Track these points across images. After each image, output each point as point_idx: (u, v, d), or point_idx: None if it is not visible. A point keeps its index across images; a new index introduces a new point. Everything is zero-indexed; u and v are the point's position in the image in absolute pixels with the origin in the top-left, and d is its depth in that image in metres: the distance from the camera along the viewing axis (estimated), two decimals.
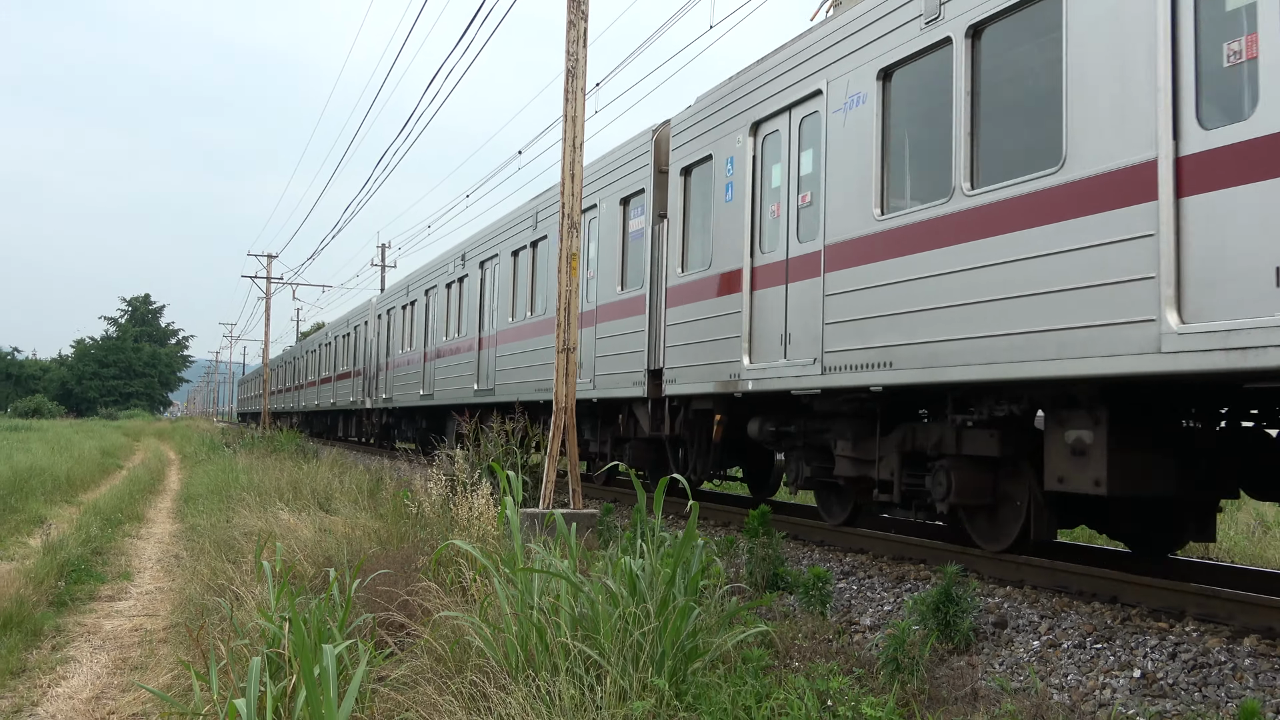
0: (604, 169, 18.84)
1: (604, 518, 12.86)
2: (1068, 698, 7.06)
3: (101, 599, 12.75)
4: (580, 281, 16.16)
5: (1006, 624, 8.60)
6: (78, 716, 8.13)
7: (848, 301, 11.40)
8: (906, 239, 10.60)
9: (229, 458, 31.23)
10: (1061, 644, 8.02)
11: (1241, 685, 6.85)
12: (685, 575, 6.85)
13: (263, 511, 14.71)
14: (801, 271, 12.44)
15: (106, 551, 16.35)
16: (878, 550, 12.26)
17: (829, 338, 11.62)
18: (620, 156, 18.22)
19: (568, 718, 5.45)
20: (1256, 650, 7.33)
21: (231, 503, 17.10)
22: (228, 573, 10.56)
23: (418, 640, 7.41)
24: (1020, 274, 9.02)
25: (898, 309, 10.54)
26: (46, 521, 18.73)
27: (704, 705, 5.87)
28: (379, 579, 8.65)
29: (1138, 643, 7.76)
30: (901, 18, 10.84)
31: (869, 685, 6.86)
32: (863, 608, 9.83)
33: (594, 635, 6.32)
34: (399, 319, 36.36)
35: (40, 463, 27.11)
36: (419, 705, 6.15)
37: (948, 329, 9.84)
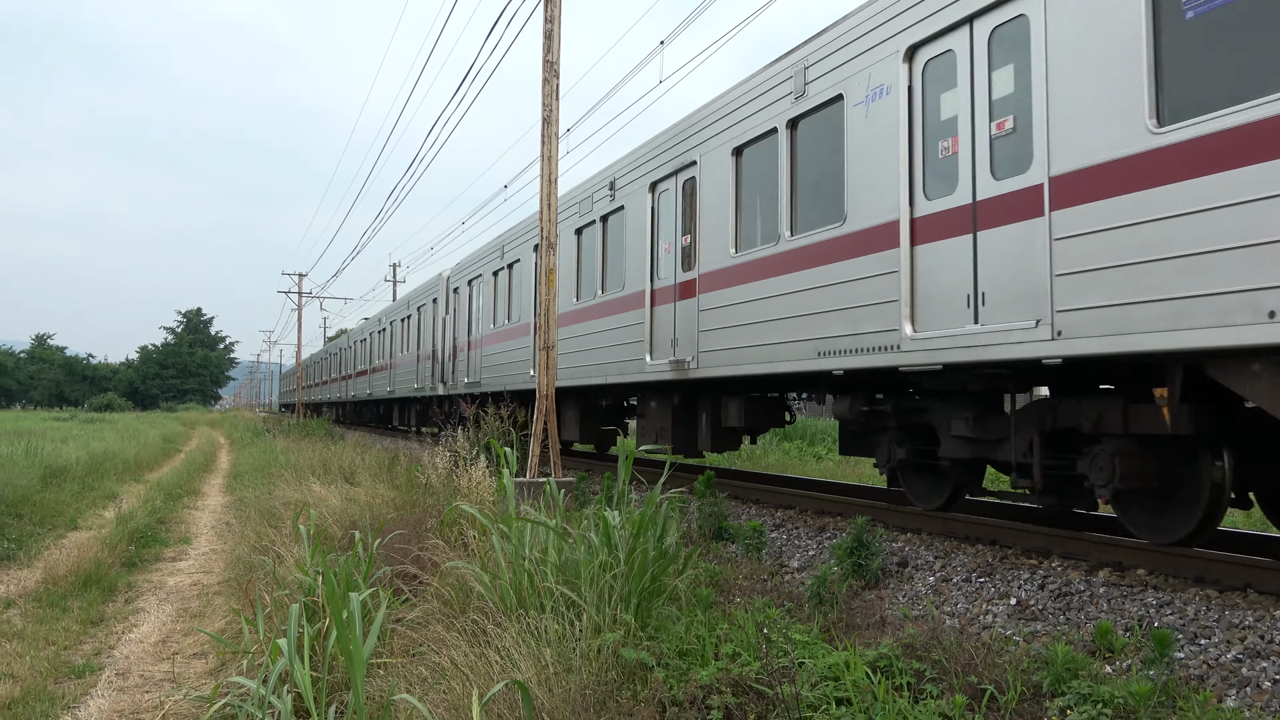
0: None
1: (578, 484, 12.83)
2: (957, 622, 7.09)
3: (165, 560, 12.59)
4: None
5: (908, 564, 8.64)
6: (147, 657, 8.02)
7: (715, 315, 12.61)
8: (750, 269, 11.79)
9: (269, 442, 30.97)
10: (952, 579, 8.06)
11: (1097, 609, 6.90)
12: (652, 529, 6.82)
13: (298, 485, 14.60)
14: (683, 293, 13.66)
15: (169, 521, 16.15)
16: (803, 506, 12.28)
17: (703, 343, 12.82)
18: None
19: (552, 648, 5.40)
20: (1109, 581, 7.39)
21: (272, 478, 16.97)
22: (270, 536, 10.48)
23: (428, 588, 7.36)
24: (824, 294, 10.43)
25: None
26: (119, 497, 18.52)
27: (664, 635, 5.84)
28: (395, 538, 8.60)
29: (1014, 577, 7.80)
30: (749, 110, 12.01)
31: (797, 616, 6.85)
32: (791, 553, 9.84)
33: (574, 580, 6.28)
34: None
35: (112, 448, 26.77)
36: (430, 641, 6.11)
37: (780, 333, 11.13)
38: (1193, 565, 7.39)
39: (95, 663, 7.82)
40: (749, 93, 12.09)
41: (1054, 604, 7.14)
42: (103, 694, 7.02)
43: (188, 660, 7.87)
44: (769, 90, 11.61)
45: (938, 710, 4.86)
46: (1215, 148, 6.43)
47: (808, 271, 10.66)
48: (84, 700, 6.87)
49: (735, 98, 12.42)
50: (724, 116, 12.58)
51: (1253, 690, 5.34)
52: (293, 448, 24.87)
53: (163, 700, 6.77)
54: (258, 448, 29.04)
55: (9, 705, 6.67)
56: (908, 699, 4.96)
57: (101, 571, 10.87)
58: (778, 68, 11.49)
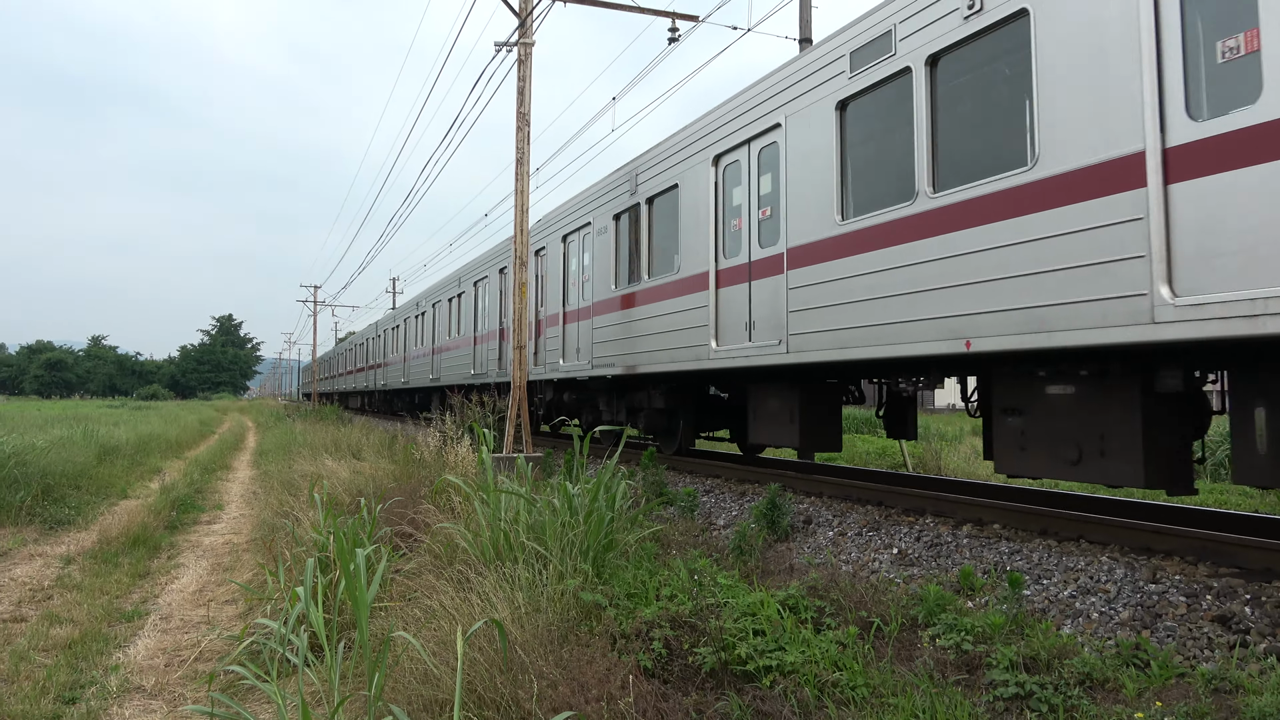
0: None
1: (545, 459, 12.79)
2: (851, 568, 7.17)
3: (202, 523, 12.37)
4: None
5: (812, 521, 8.71)
6: (186, 603, 7.89)
7: None
8: (650, 293, 12.56)
9: (290, 425, 30.50)
10: (847, 533, 8.13)
11: (962, 557, 7.00)
12: (604, 495, 6.84)
13: (313, 460, 14.43)
14: (592, 310, 14.46)
15: (205, 491, 15.87)
16: (728, 475, 12.32)
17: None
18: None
19: (524, 592, 5.40)
20: (971, 534, 7.50)
21: (292, 455, 16.74)
22: (290, 503, 10.35)
23: (421, 544, 7.31)
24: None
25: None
26: (162, 471, 18.17)
27: (615, 581, 5.86)
28: (394, 504, 8.54)
29: (896, 531, 7.90)
30: (618, 178, 13.57)
31: (723, 564, 6.90)
32: (718, 513, 9.88)
33: (542, 537, 6.28)
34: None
35: (157, 431, 26.23)
36: (423, 588, 6.08)
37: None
38: (1038, 520, 7.54)
39: (143, 609, 7.68)
40: (612, 183, 14.13)
41: (928, 553, 7.24)
42: (149, 635, 6.90)
43: (220, 606, 7.76)
44: (619, 185, 13.84)
45: (835, 639, 4.93)
46: (868, 236, 8.22)
47: (661, 303, 12.22)
48: (133, 640, 6.76)
49: (596, 191, 14.61)
50: (593, 199, 14.79)
51: (1084, 620, 5.48)
52: (309, 430, 24.52)
53: (199, 640, 6.67)
54: (280, 430, 28.59)
55: (70, 645, 6.54)
56: (811, 630, 5.03)
57: (148, 533, 10.68)
58: (626, 169, 13.69)
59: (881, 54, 8.16)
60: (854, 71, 8.54)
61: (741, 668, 4.62)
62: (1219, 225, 5.39)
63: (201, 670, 5.99)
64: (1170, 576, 5.73)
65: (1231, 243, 5.32)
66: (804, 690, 4.37)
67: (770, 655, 4.64)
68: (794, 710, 4.23)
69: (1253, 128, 5.22)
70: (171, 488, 14.23)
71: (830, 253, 8.86)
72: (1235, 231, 5.30)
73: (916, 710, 4.15)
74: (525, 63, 14.11)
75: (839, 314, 8.66)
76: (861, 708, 4.27)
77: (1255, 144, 5.21)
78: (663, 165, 12.41)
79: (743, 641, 4.75)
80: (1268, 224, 5.12)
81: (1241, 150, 5.30)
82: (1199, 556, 6.18)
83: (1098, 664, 4.47)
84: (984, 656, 4.68)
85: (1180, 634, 4.98)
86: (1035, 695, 4.23)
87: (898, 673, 4.60)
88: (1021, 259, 6.64)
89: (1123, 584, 5.77)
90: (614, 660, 4.54)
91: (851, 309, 8.47)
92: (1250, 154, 5.24)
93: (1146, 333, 5.73)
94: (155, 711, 5.30)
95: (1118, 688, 4.30)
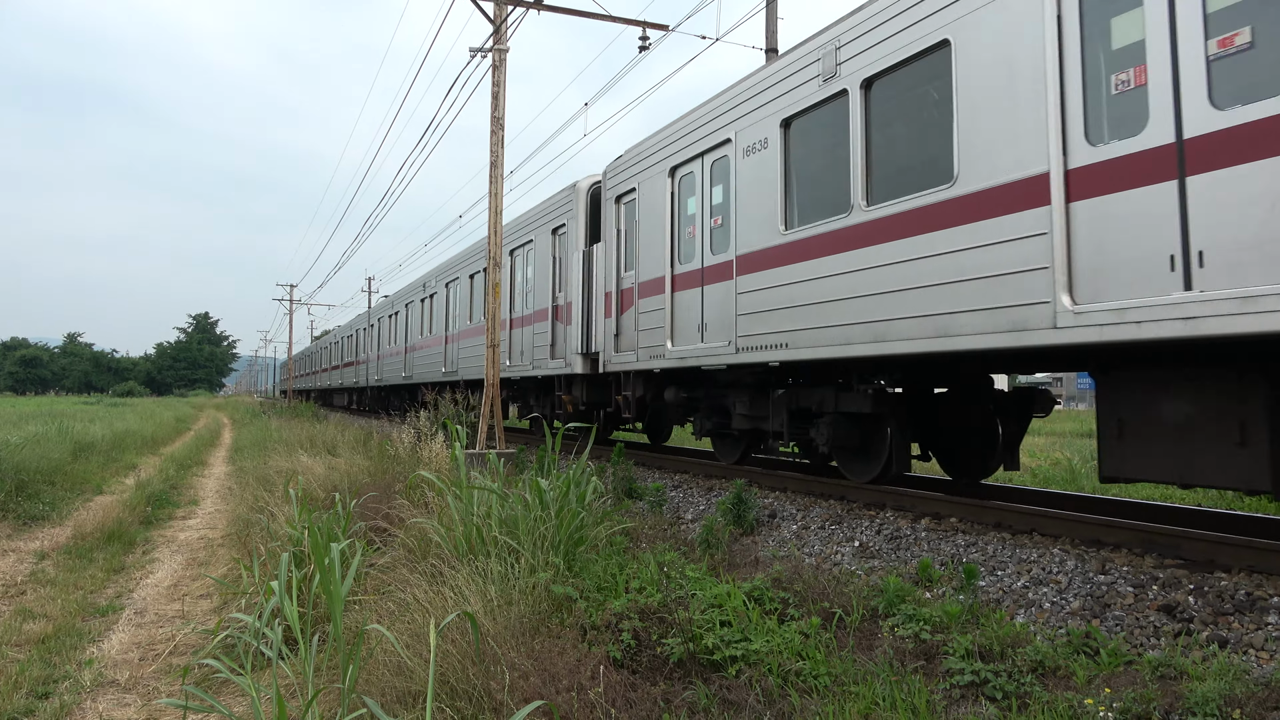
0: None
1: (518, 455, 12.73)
2: (814, 561, 7.21)
3: (177, 519, 12.18)
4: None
5: (776, 515, 8.75)
6: (161, 599, 7.76)
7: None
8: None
9: (265, 422, 30.13)
10: (810, 527, 8.18)
11: (920, 549, 7.07)
12: (575, 490, 6.81)
13: (289, 456, 14.24)
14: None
15: (180, 487, 15.62)
16: (695, 471, 12.35)
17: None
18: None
19: (496, 585, 5.37)
20: (929, 527, 7.57)
21: (267, 451, 16.52)
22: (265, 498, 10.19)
23: (395, 539, 7.24)
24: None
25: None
26: (137, 467, 17.88)
27: (586, 574, 5.84)
28: (369, 499, 8.45)
29: (857, 525, 7.95)
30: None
31: (690, 557, 6.91)
32: (687, 508, 9.90)
33: (514, 531, 6.25)
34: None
35: (133, 427, 25.79)
36: (396, 581, 6.02)
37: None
38: (993, 514, 7.62)
39: (117, 604, 7.54)
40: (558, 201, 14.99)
41: (888, 545, 7.30)
42: (123, 629, 6.78)
43: (195, 600, 7.64)
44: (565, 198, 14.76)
45: (798, 629, 4.95)
46: (805, 247, 8.66)
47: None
48: (107, 635, 6.63)
49: (546, 205, 15.60)
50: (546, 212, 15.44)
51: (1036, 610, 5.54)
52: (284, 426, 24.22)
53: (174, 634, 6.56)
54: (255, 427, 28.21)
55: (43, 640, 6.40)
56: (775, 621, 5.05)
57: (123, 529, 10.48)
58: (564, 193, 14.77)
59: (826, 75, 8.46)
60: (796, 92, 8.88)
61: (708, 658, 4.63)
62: (1109, 241, 5.79)
63: (176, 664, 5.89)
64: (1119, 568, 5.81)
65: (1118, 256, 5.74)
66: (768, 679, 4.38)
67: (736, 645, 4.65)
68: (759, 699, 4.24)
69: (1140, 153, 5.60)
70: (147, 484, 14.00)
71: (776, 260, 9.13)
72: (1121, 246, 5.72)
73: (876, 698, 4.18)
74: (500, 68, 14.04)
75: (783, 317, 8.93)
76: (824, 696, 4.29)
77: (1141, 168, 5.59)
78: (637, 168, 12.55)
79: (710, 632, 4.75)
80: (1143, 240, 5.57)
81: (1128, 174, 5.66)
82: (1145, 548, 6.27)
83: (1050, 652, 4.52)
84: (941, 645, 4.72)
85: (1128, 623, 5.05)
86: (990, 683, 4.27)
87: (859, 662, 4.63)
88: (937, 268, 7.09)
89: (1073, 575, 5.84)
90: (584, 651, 4.52)
91: (795, 313, 8.78)
92: (1136, 177, 5.62)
93: (1050, 337, 6.11)
94: (129, 705, 5.21)
95: (1069, 675, 4.35)
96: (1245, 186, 5.01)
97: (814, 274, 8.54)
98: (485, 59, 14.23)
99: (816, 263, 8.52)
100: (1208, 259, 5.21)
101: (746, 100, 9.82)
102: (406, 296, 27.65)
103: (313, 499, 9.25)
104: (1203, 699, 3.77)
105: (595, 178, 14.40)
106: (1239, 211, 5.03)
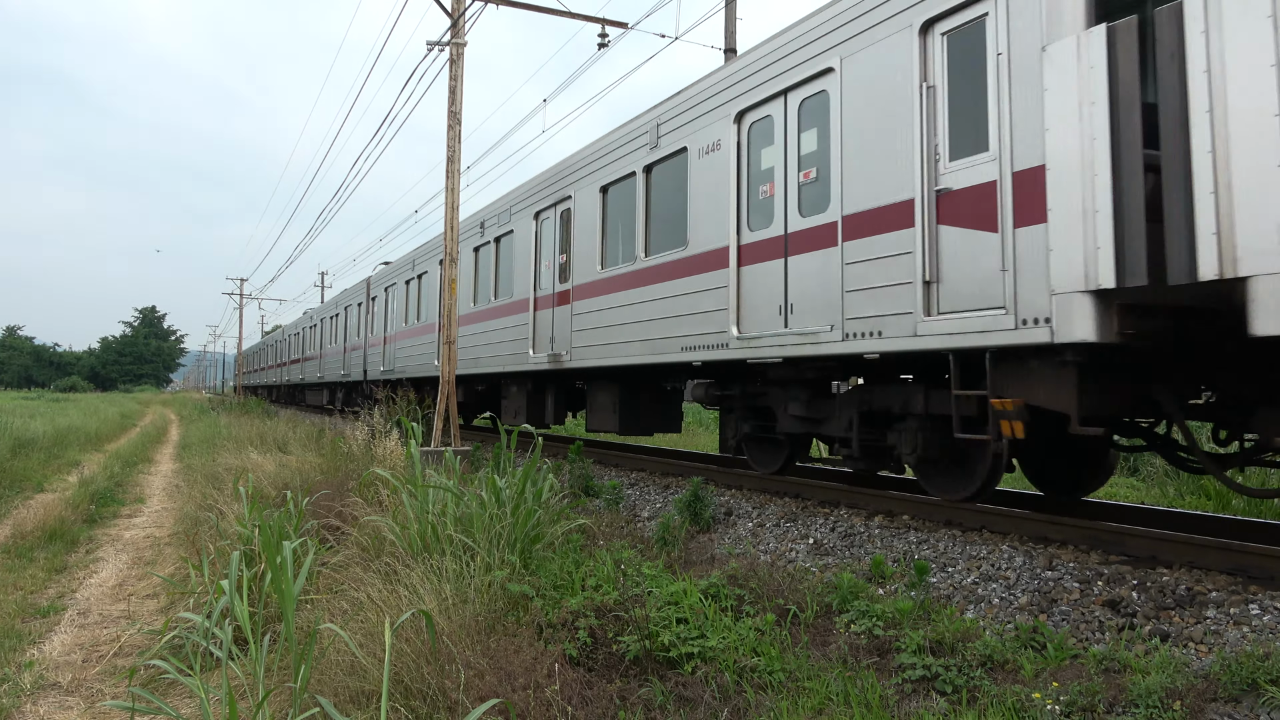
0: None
1: (474, 452, 12.65)
2: (769, 558, 7.26)
3: (122, 517, 11.90)
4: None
5: (732, 513, 8.80)
6: (105, 599, 7.57)
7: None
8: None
9: (214, 418, 29.56)
10: (766, 524, 8.24)
11: (874, 546, 7.15)
12: (532, 487, 6.79)
13: (238, 453, 14.00)
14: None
15: (125, 484, 15.26)
16: (653, 469, 12.38)
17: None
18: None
19: (451, 584, 5.33)
20: (882, 524, 7.67)
21: (216, 448, 16.22)
22: (214, 496, 10.00)
23: (349, 537, 7.15)
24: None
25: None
26: (81, 464, 17.41)
27: (542, 572, 5.82)
28: (321, 497, 8.33)
29: (812, 522, 8.03)
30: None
31: (647, 554, 6.92)
32: (643, 505, 9.91)
33: (470, 529, 6.20)
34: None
35: (76, 423, 25.13)
36: (350, 580, 5.94)
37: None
38: (943, 512, 7.75)
39: (59, 604, 7.34)
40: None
41: (842, 542, 7.38)
42: (65, 630, 6.60)
43: (141, 601, 7.47)
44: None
45: (754, 626, 4.99)
46: (615, 282, 11.37)
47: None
48: (49, 636, 6.45)
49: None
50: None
51: (985, 605, 5.64)
52: (234, 423, 23.76)
53: (119, 634, 6.41)
54: (204, 423, 27.66)
55: None
56: (731, 618, 5.08)
57: (65, 527, 10.21)
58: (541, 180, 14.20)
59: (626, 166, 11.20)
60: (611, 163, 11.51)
61: (664, 655, 4.64)
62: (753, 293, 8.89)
63: (121, 665, 5.76)
64: (1065, 564, 5.94)
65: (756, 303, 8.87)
66: (724, 676, 4.41)
67: (692, 642, 4.67)
68: (714, 695, 4.26)
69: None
70: (90, 481, 13.65)
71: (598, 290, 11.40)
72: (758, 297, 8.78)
73: (830, 693, 4.22)
74: (457, 62, 13.92)
75: (603, 334, 11.10)
76: (778, 692, 4.32)
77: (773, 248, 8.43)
78: (501, 215, 15.24)
79: (666, 629, 4.77)
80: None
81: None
82: (1091, 545, 6.42)
83: (998, 646, 4.61)
84: (894, 641, 4.79)
85: (1074, 618, 5.17)
86: (941, 677, 4.34)
87: (813, 657, 4.68)
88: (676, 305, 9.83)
89: (1021, 571, 5.96)
90: (540, 649, 4.51)
91: (608, 331, 10.94)
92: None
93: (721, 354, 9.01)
94: (72, 708, 5.08)
95: (1016, 668, 4.44)
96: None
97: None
98: (443, 53, 14.10)
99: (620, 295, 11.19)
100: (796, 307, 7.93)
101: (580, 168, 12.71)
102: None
103: (263, 497, 9.10)
104: (1145, 691, 3.87)
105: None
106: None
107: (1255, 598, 4.93)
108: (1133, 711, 3.82)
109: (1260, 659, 3.99)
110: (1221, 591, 5.10)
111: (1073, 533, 6.65)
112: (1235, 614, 4.78)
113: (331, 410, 34.07)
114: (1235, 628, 4.65)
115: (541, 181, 13.96)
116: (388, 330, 23.32)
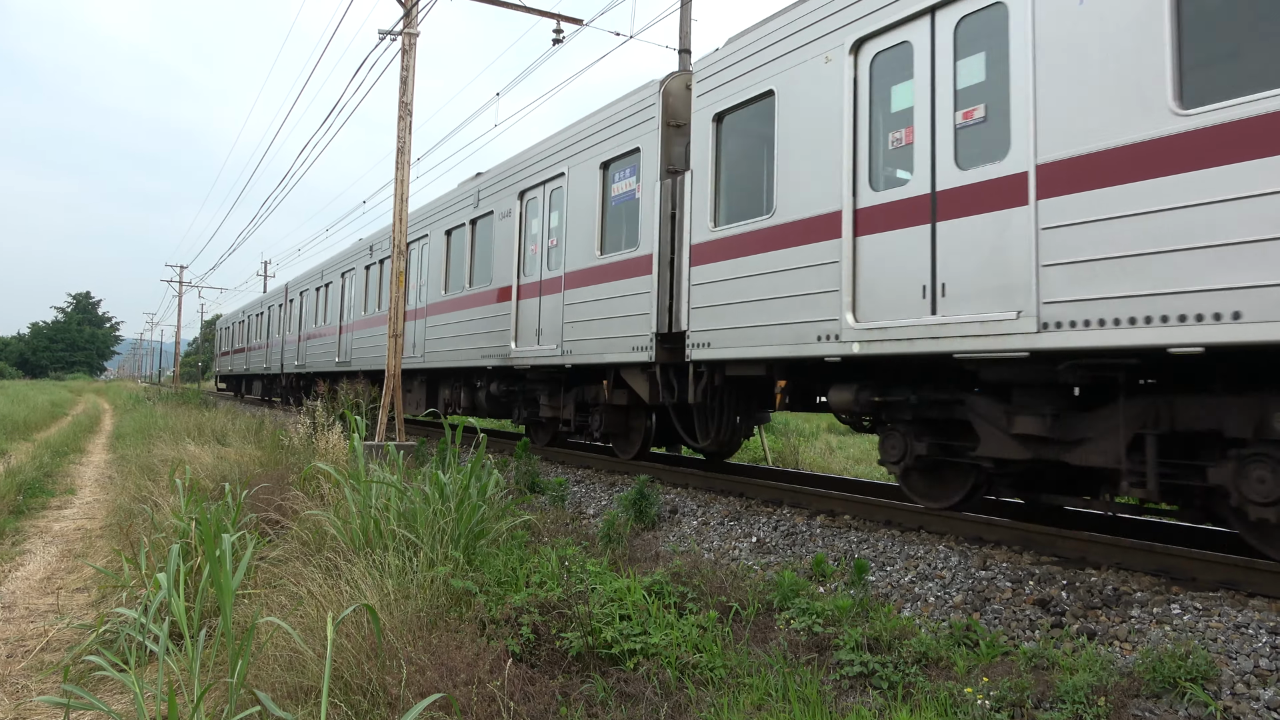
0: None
1: (419, 448, 12.54)
2: (713, 556, 7.32)
3: (51, 508, 11.54)
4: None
5: (677, 511, 8.84)
6: (32, 592, 7.35)
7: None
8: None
9: (150, 408, 28.79)
10: (710, 523, 8.30)
11: (815, 545, 7.25)
12: (477, 483, 6.76)
13: (175, 445, 13.68)
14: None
15: (55, 475, 14.79)
16: (598, 466, 12.37)
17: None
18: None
19: (394, 579, 5.29)
20: (824, 524, 7.78)
21: (152, 439, 15.80)
22: (149, 488, 9.77)
23: (289, 531, 7.05)
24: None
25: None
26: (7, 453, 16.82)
27: (486, 568, 5.81)
28: (261, 490, 8.20)
29: (755, 521, 8.11)
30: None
31: (592, 551, 6.94)
32: (589, 503, 9.92)
33: (413, 524, 6.17)
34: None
35: (2, 411, 24.28)
36: (290, 575, 5.86)
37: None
38: (884, 512, 7.89)
39: None
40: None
41: (784, 541, 7.47)
42: None
43: (71, 594, 7.26)
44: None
45: (696, 623, 5.04)
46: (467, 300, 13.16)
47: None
48: None
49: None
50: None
51: (921, 604, 5.77)
52: (171, 413, 23.18)
53: (47, 629, 6.23)
54: (139, 413, 26.91)
55: None
56: (674, 614, 5.12)
57: None
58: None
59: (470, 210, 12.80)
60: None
61: (607, 651, 4.67)
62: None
63: (49, 661, 5.60)
64: (999, 564, 6.10)
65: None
66: (666, 672, 4.45)
67: (635, 639, 4.70)
68: (656, 691, 4.30)
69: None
70: (17, 471, 13.20)
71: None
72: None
73: (770, 689, 4.29)
74: (409, 52, 13.77)
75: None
76: (719, 687, 4.38)
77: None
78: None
79: (609, 626, 4.79)
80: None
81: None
82: (1024, 546, 6.60)
83: (933, 644, 4.73)
84: (833, 638, 4.88)
85: (1006, 616, 5.31)
86: (877, 673, 4.44)
87: (754, 654, 4.74)
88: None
89: (957, 571, 6.11)
90: (483, 645, 4.50)
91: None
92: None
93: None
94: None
95: (950, 665, 4.55)
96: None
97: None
98: (395, 42, 13.94)
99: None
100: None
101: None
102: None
103: (201, 490, 8.92)
104: (1072, 688, 4.01)
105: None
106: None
107: (1177, 598, 5.12)
108: (1060, 707, 3.95)
109: (1180, 658, 4.15)
110: (1146, 592, 5.29)
111: (1007, 534, 6.83)
112: (1158, 613, 4.97)
113: (273, 402, 33.02)
114: (1158, 626, 4.83)
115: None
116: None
